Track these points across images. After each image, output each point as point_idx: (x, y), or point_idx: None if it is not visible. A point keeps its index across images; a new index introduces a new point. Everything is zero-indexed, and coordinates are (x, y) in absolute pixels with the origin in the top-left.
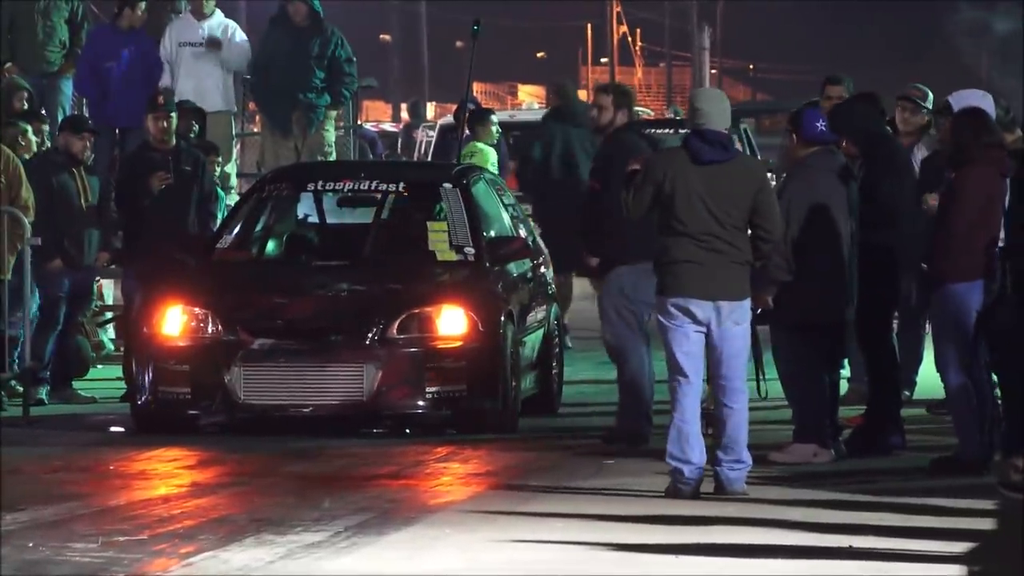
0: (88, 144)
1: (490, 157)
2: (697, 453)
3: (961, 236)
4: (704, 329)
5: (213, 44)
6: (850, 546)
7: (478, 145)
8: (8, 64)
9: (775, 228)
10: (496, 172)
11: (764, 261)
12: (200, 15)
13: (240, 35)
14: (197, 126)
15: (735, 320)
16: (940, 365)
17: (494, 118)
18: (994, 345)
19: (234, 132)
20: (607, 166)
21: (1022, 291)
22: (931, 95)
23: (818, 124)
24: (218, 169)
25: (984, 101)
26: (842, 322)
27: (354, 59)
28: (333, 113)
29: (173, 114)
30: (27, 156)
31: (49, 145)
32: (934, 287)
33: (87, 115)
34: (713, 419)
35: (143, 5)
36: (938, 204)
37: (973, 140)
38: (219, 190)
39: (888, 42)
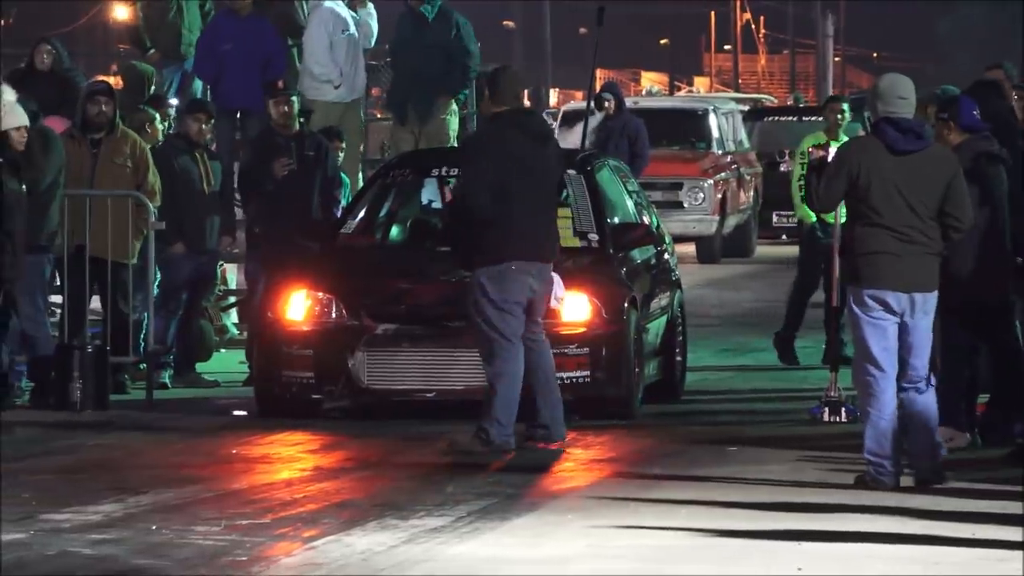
0: (204, 126)
1: None
2: (896, 449)
3: None
4: (899, 320)
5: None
6: (972, 535)
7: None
8: (151, 51)
9: (967, 217)
10: None
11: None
12: (355, 3)
13: (373, 15)
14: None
15: (926, 311)
16: None
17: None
18: None
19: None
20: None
21: None
22: None
23: (975, 112)
24: (341, 155)
25: None
26: (994, 305)
27: (473, 50)
28: (448, 102)
29: (294, 98)
30: (150, 143)
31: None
32: None
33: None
34: (838, 408)
35: None
36: (1011, 194)
37: None
38: (343, 175)
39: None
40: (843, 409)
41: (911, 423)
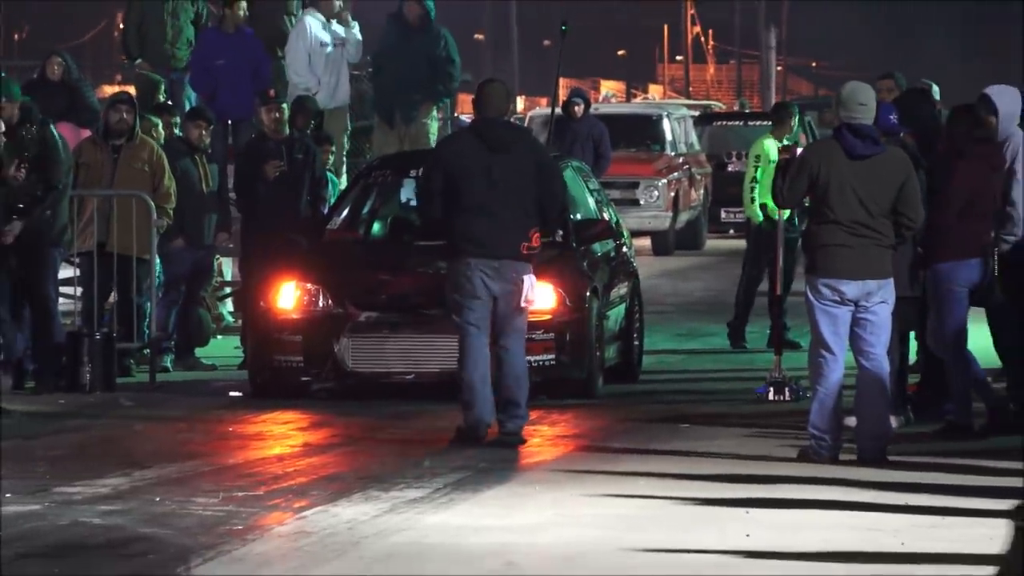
0: (204, 132)
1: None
2: (837, 426)
3: (947, 224)
4: (852, 307)
5: (340, 42)
6: (906, 504)
7: (765, 145)
8: (139, 60)
9: (918, 216)
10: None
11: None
12: (331, 15)
13: (357, 32)
14: (314, 123)
15: (881, 297)
16: (934, 339)
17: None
18: (991, 321)
19: (348, 124)
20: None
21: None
22: (936, 87)
23: (891, 116)
24: (331, 157)
25: (1011, 96)
26: (908, 298)
27: (456, 60)
28: (431, 108)
29: (284, 106)
30: None
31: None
32: (926, 266)
33: None
34: (782, 388)
35: (243, 4)
36: (929, 193)
37: (965, 135)
38: (331, 176)
39: (946, 41)
40: (787, 389)
41: (863, 402)
